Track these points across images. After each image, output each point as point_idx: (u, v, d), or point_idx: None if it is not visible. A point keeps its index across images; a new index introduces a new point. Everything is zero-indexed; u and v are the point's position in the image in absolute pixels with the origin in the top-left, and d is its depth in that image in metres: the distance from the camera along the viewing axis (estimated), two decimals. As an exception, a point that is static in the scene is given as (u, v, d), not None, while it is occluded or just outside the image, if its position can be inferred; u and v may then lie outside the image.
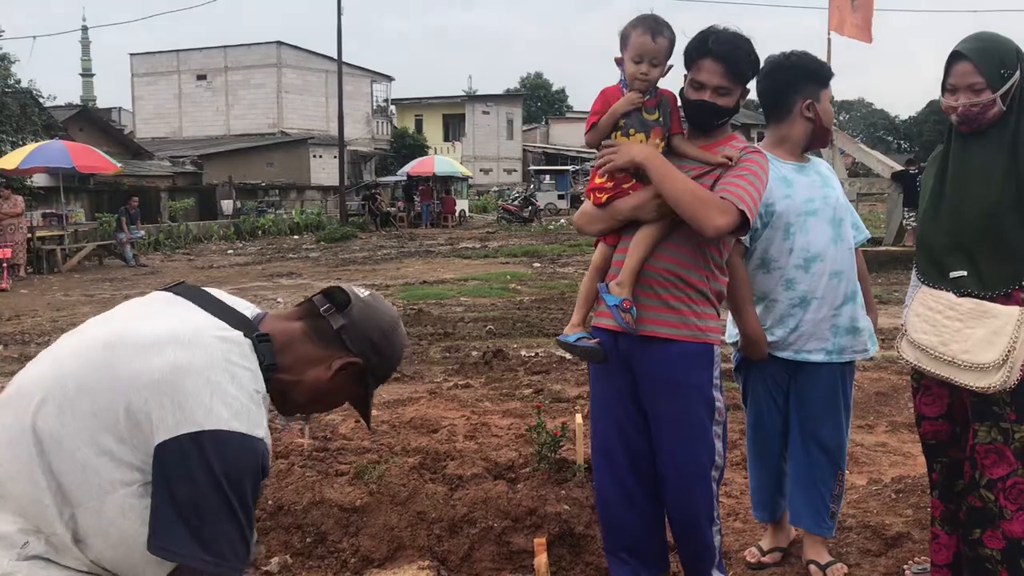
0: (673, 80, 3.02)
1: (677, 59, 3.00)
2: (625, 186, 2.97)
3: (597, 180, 3.05)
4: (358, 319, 1.88)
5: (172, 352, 1.64)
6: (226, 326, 1.76)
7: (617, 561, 3.27)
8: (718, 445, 3.04)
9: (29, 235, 18.40)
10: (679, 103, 3.04)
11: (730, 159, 2.90)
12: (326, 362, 1.85)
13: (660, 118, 2.98)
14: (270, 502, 4.06)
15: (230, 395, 1.63)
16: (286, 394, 1.84)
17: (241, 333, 1.76)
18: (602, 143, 3.01)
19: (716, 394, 3.02)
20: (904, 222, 16.59)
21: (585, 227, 3.16)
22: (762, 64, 3.09)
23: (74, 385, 1.64)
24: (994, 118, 2.88)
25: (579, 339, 3.08)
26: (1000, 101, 2.85)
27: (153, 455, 1.59)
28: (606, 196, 3.02)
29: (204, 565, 1.58)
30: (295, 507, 4.02)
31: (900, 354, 3.13)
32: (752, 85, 3.12)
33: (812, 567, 3.35)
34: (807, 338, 3.35)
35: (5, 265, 15.91)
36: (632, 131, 2.97)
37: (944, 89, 2.94)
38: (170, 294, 1.86)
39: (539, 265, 17.86)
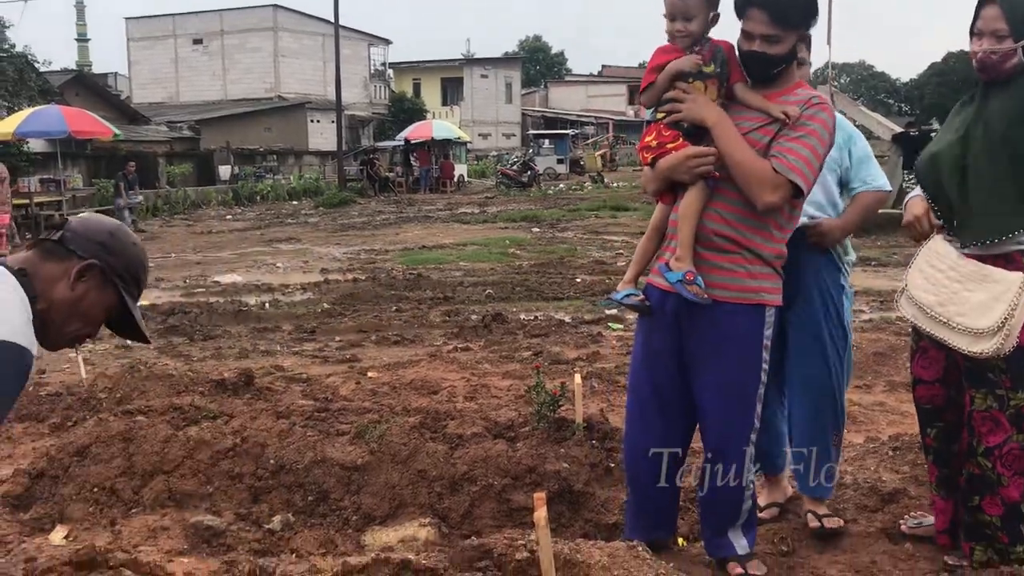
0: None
1: (726, 7, 2.97)
2: (669, 146, 2.96)
3: (646, 139, 3.05)
4: (78, 228, 1.97)
5: None
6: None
7: (633, 517, 3.32)
8: (758, 408, 3.05)
9: (27, 200, 18.36)
10: (737, 52, 3.00)
11: (787, 116, 2.87)
12: (65, 274, 1.92)
13: (717, 69, 2.95)
14: (272, 461, 4.09)
15: (7, 310, 1.74)
16: (45, 324, 1.88)
17: (2, 266, 1.85)
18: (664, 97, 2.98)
19: (764, 355, 3.01)
20: (904, 185, 16.52)
21: (646, 187, 3.20)
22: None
23: None
24: (1012, 70, 2.85)
25: (626, 296, 3.15)
26: (1021, 52, 2.82)
27: None
28: (651, 156, 3.02)
29: None
30: (296, 466, 4.05)
31: (898, 309, 3.14)
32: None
33: (809, 515, 3.39)
34: None
35: (3, 232, 15.89)
36: (691, 80, 2.94)
37: (971, 33, 2.91)
38: None
39: (538, 230, 17.84)
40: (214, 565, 3.31)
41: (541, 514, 2.32)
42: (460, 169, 36.22)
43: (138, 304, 2.07)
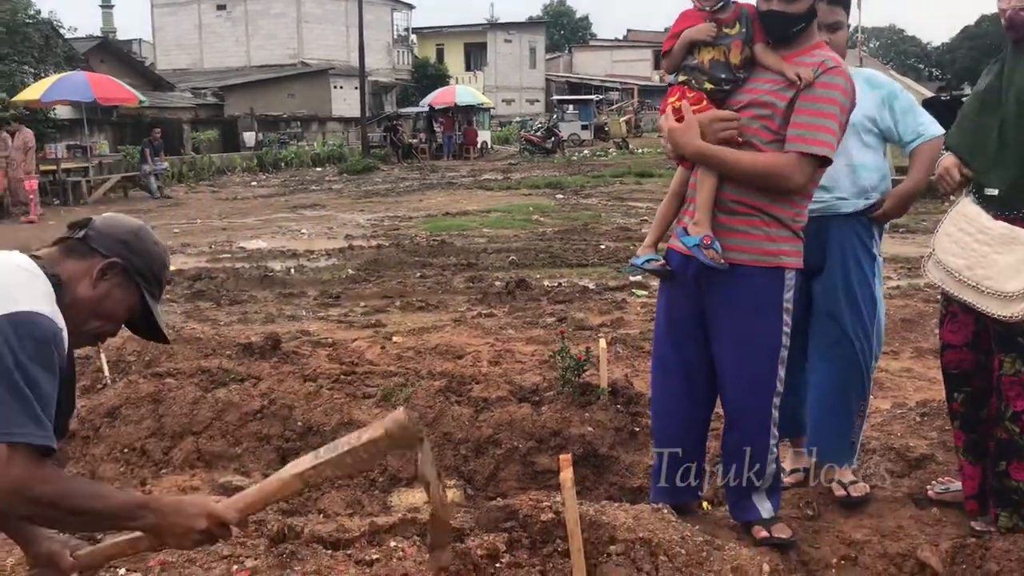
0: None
1: None
2: (693, 108, 2.94)
3: (670, 100, 3.03)
4: (101, 227, 1.98)
5: None
6: (26, 259, 1.87)
7: (658, 479, 3.33)
8: (781, 371, 3.04)
9: (54, 167, 18.49)
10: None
11: (800, 78, 2.83)
12: (88, 272, 1.92)
13: (742, 30, 2.92)
14: (299, 423, 4.14)
15: (29, 286, 1.76)
16: (68, 320, 1.86)
17: (36, 265, 1.86)
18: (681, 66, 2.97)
19: (785, 318, 2.99)
20: (935, 151, 16.28)
21: (668, 151, 3.17)
22: None
23: None
24: None
25: (647, 261, 3.16)
26: None
27: None
28: (675, 118, 2.99)
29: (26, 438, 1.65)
30: (324, 428, 4.09)
31: (925, 274, 3.10)
32: None
33: (835, 484, 3.38)
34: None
35: (32, 198, 16.04)
36: (701, 48, 2.93)
37: None
38: None
39: (562, 197, 17.76)
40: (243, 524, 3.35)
41: (567, 475, 2.33)
42: (483, 135, 36.05)
43: (159, 304, 2.08)
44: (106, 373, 5.48)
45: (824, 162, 2.86)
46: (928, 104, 17.22)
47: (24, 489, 1.65)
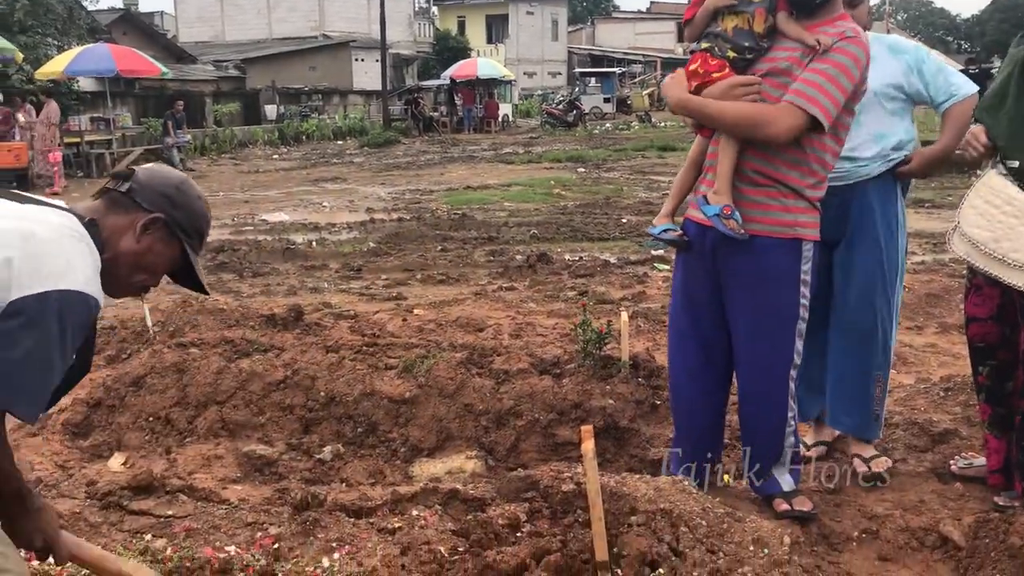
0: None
1: None
2: (715, 75, 2.91)
3: (691, 67, 3.01)
4: (144, 180, 1.98)
5: (21, 225, 1.77)
6: (60, 209, 1.89)
7: (678, 451, 3.34)
8: (798, 344, 3.02)
9: (77, 139, 18.61)
10: None
11: (820, 44, 2.80)
12: (131, 226, 1.94)
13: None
14: (322, 393, 4.17)
15: (79, 262, 1.78)
16: (110, 274, 1.90)
17: (74, 216, 1.88)
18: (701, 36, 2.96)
19: (803, 290, 2.97)
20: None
21: (688, 121, 3.16)
22: None
23: None
24: None
25: (664, 231, 3.16)
26: None
27: (5, 311, 1.69)
28: (696, 84, 2.97)
29: (15, 407, 1.71)
30: (346, 398, 4.12)
31: (950, 247, 3.06)
32: None
33: (856, 460, 3.36)
34: None
35: (56, 170, 16.17)
36: (724, 16, 2.91)
37: None
38: None
39: (583, 170, 17.67)
40: (267, 492, 3.40)
41: (588, 446, 2.34)
42: (505, 108, 35.89)
43: (200, 256, 2.10)
44: (149, 325, 5.55)
45: (816, 125, 2.81)
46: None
47: None
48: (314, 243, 10.00)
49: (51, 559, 2.01)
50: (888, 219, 3.36)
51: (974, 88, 3.34)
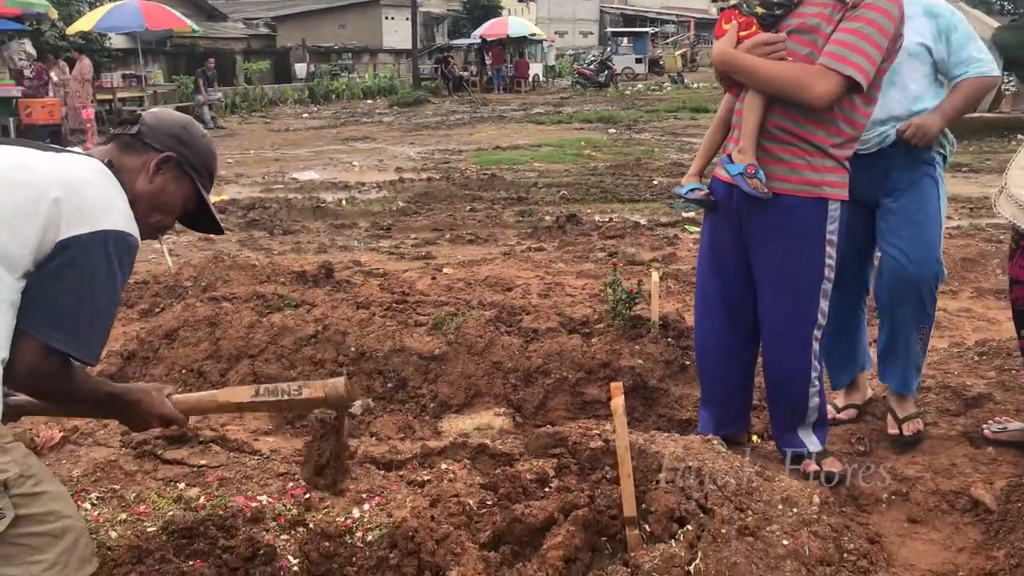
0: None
1: None
2: (741, 33, 2.88)
3: (723, 25, 2.98)
4: (152, 123, 2.04)
5: (61, 169, 1.81)
6: (81, 155, 1.93)
7: (706, 411, 3.35)
8: (823, 304, 2.99)
9: (110, 96, 18.70)
10: None
11: (845, 1, 2.75)
12: (144, 167, 1.99)
13: None
14: (352, 349, 4.20)
15: (119, 201, 1.85)
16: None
17: (95, 159, 1.92)
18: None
19: (828, 250, 2.94)
20: (1003, 87, 15.69)
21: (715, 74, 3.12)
22: None
23: None
24: None
25: (691, 190, 3.14)
26: None
27: (54, 250, 1.74)
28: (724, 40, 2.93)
29: (69, 348, 1.76)
30: (376, 354, 4.15)
31: (996, 209, 3.00)
32: None
33: (889, 419, 3.33)
34: None
35: (90, 127, 16.28)
36: None
37: None
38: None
39: (614, 131, 17.51)
40: (298, 444, 3.44)
41: (618, 402, 2.33)
42: (535, 68, 35.56)
43: (210, 195, 2.13)
44: (169, 264, 5.62)
45: (854, 86, 2.76)
46: (1007, 30, 16.53)
47: (45, 378, 1.78)
48: (344, 202, 10.02)
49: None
50: (928, 173, 3.27)
51: (994, 72, 3.26)
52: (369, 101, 29.25)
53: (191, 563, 2.38)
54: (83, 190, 1.79)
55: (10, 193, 1.74)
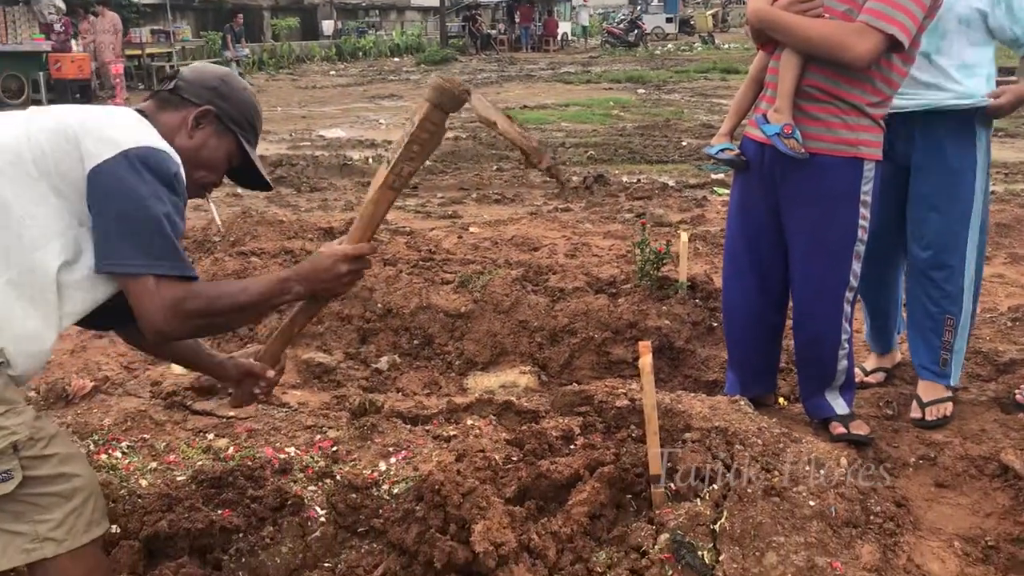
0: None
1: None
2: None
3: None
4: (190, 77, 2.00)
5: (86, 115, 1.79)
6: (135, 112, 1.90)
7: (733, 373, 3.33)
8: (855, 266, 2.95)
9: (138, 51, 18.72)
10: None
11: None
12: (184, 123, 1.94)
13: None
14: (379, 305, 4.21)
15: (148, 129, 1.82)
16: None
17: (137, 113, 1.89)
18: None
19: (862, 211, 2.88)
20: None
21: (750, 33, 3.06)
22: None
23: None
24: None
25: (721, 150, 3.09)
26: None
27: (87, 186, 1.71)
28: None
29: (148, 270, 1.72)
30: (403, 311, 4.16)
31: None
32: None
33: (915, 402, 3.26)
34: None
35: (119, 82, 16.32)
36: None
37: None
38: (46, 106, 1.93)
39: (643, 91, 17.32)
40: (325, 398, 3.47)
41: (646, 360, 2.32)
42: (564, 27, 35.15)
43: (256, 150, 2.10)
44: (218, 221, 5.64)
45: (894, 45, 2.69)
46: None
47: (178, 309, 1.73)
48: (370, 160, 10.01)
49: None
50: (971, 145, 3.14)
51: None
52: (396, 59, 29.10)
53: (220, 512, 2.41)
54: (104, 121, 1.77)
55: (51, 143, 1.74)
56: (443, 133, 2.01)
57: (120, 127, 1.79)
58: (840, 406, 3.11)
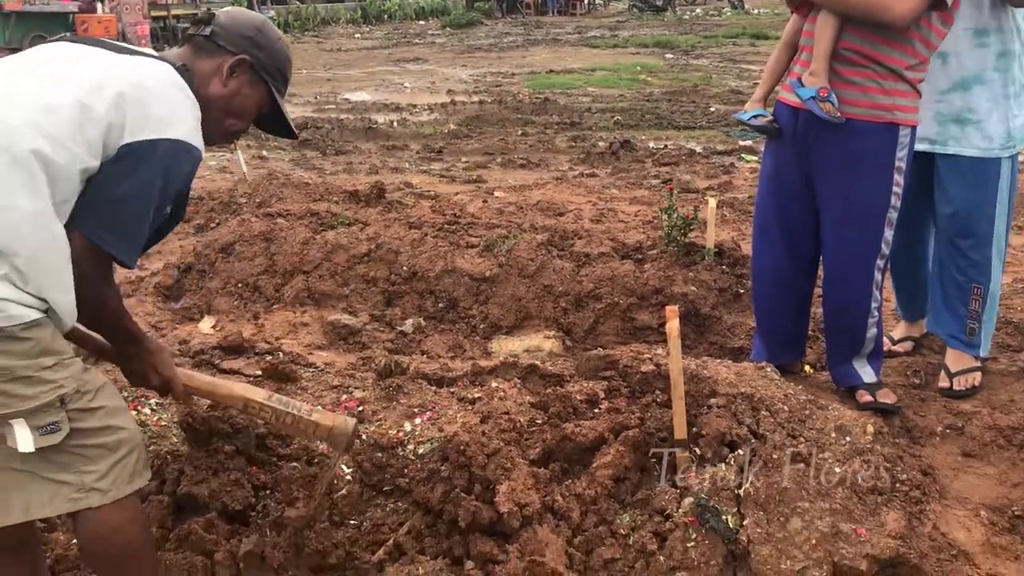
0: None
1: None
2: None
3: None
4: (226, 23, 1.99)
5: (129, 71, 1.78)
6: (154, 58, 1.89)
7: (760, 340, 3.32)
8: (888, 233, 2.91)
9: (164, 12, 18.71)
10: None
11: None
12: (218, 70, 1.95)
13: None
14: (405, 268, 4.21)
15: (187, 112, 1.83)
16: (203, 119, 1.90)
17: (168, 64, 1.88)
18: None
19: (896, 177, 2.84)
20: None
21: None
22: None
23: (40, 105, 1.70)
24: None
25: (754, 116, 3.05)
26: None
27: (116, 153, 1.73)
28: None
29: (117, 250, 1.76)
30: (428, 274, 4.16)
31: None
32: None
33: (943, 371, 3.23)
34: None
35: (144, 43, 16.34)
36: None
37: None
38: (70, 43, 1.89)
39: (671, 56, 17.11)
40: (351, 359, 3.49)
41: (673, 324, 2.31)
42: (591, -9, 34.69)
43: (284, 99, 2.10)
44: (244, 171, 5.64)
45: (935, 3, 2.64)
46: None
47: (84, 284, 1.75)
48: (395, 123, 9.98)
49: (170, 396, 2.12)
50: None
51: None
52: (421, 22, 28.90)
53: (248, 469, 2.44)
54: (151, 96, 1.77)
55: (76, 91, 1.73)
56: (303, 438, 2.26)
57: (164, 104, 1.79)
58: (868, 374, 3.09)
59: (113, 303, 1.91)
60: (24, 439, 1.69)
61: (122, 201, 1.74)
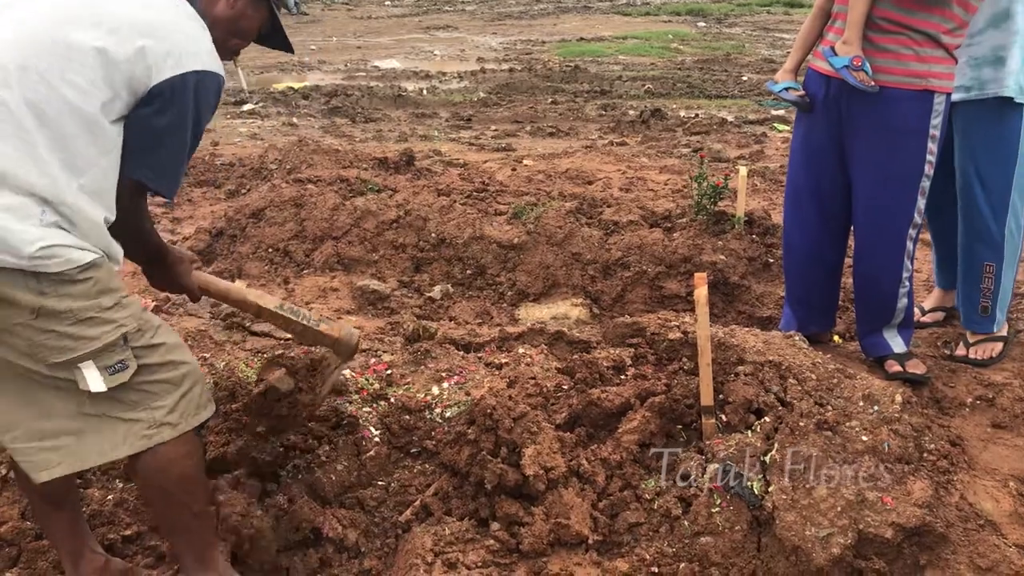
0: None
1: None
2: None
3: None
4: None
5: (138, 11, 1.80)
6: (187, 4, 1.91)
7: (790, 309, 3.30)
8: (920, 202, 2.87)
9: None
10: None
11: None
12: None
13: None
14: (433, 235, 4.23)
15: (204, 40, 1.86)
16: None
17: (194, 9, 1.91)
18: None
19: (930, 145, 2.80)
20: None
21: None
22: None
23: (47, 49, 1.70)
24: None
25: (785, 88, 3.01)
26: None
27: (148, 96, 1.75)
28: None
29: (158, 186, 1.84)
30: (456, 241, 4.17)
31: None
32: None
33: (960, 344, 3.20)
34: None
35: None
36: None
37: None
38: None
39: (704, 24, 16.88)
40: (380, 323, 3.51)
41: (702, 291, 2.31)
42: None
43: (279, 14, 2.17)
44: (245, 87, 5.65)
45: None
46: None
47: (129, 218, 1.84)
48: (425, 91, 9.95)
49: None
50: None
51: None
52: (452, -10, 28.67)
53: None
54: (170, 34, 1.80)
55: (92, 44, 1.73)
56: (310, 346, 2.30)
57: (186, 42, 1.82)
58: (898, 344, 3.07)
59: (147, 227, 1.99)
60: (95, 379, 1.74)
61: (160, 138, 1.79)
